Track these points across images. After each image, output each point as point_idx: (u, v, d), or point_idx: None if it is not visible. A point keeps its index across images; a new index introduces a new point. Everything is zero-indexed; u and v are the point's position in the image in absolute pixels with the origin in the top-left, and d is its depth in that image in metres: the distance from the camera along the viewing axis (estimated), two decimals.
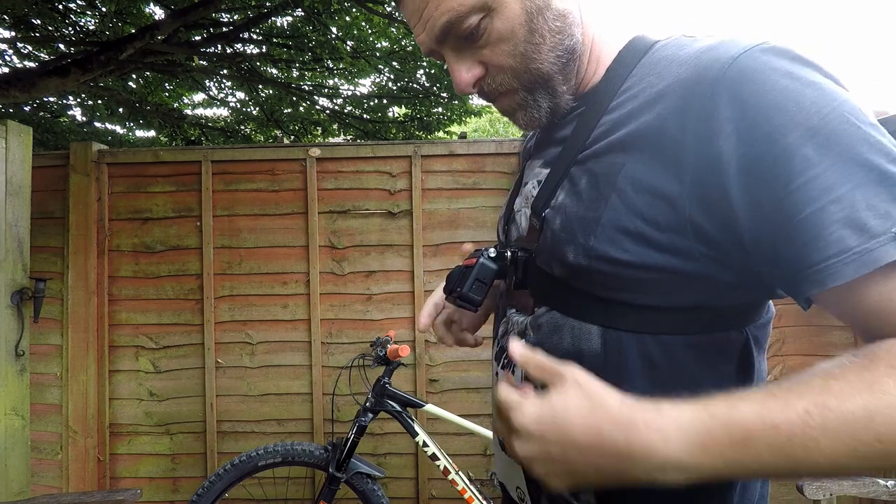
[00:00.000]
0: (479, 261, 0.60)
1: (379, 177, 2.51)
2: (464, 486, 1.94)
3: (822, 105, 0.43)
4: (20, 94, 2.79)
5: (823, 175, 0.41)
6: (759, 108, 0.44)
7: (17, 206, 2.00)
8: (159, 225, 2.52)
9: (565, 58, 0.57)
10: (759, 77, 0.44)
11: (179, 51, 3.90)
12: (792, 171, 0.42)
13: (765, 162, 0.43)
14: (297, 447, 1.94)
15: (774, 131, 0.43)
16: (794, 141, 0.42)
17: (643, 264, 0.49)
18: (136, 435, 2.50)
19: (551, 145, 0.63)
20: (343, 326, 2.49)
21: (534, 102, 0.59)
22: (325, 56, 4.47)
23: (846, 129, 0.42)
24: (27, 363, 2.03)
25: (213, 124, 6.19)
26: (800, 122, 0.42)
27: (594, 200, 0.51)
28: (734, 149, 0.44)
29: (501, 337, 0.66)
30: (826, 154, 0.42)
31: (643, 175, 0.49)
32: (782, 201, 0.43)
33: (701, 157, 0.46)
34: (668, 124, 0.48)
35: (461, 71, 0.58)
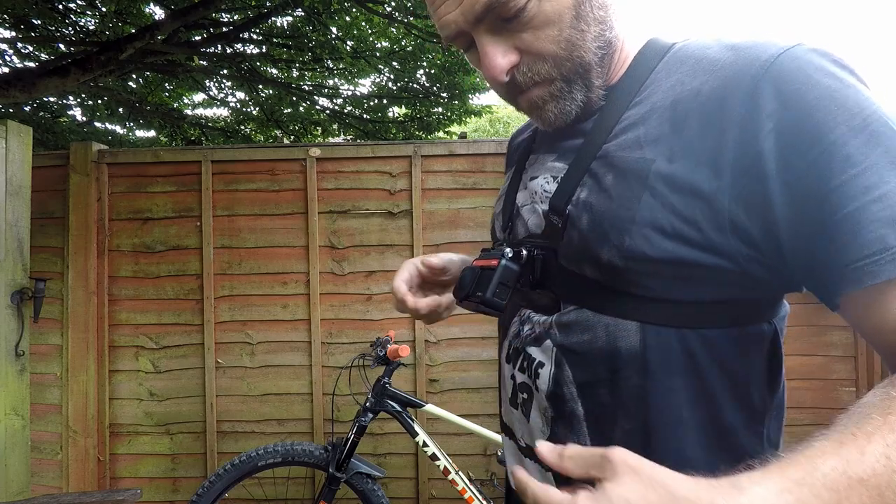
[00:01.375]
0: (502, 262, 0.56)
1: (379, 177, 2.51)
2: (464, 486, 1.94)
3: (864, 107, 0.43)
4: (20, 94, 2.79)
5: (865, 174, 0.41)
6: (801, 105, 0.44)
7: (17, 206, 2.00)
8: (159, 225, 2.52)
9: (605, 49, 0.55)
10: (800, 76, 0.44)
11: (179, 51, 3.90)
12: (833, 169, 0.42)
13: (805, 159, 0.43)
14: (297, 447, 1.94)
15: (816, 129, 0.43)
16: (837, 139, 0.42)
17: (681, 262, 0.48)
18: (136, 435, 2.50)
19: (567, 137, 0.60)
20: (343, 326, 2.49)
21: (569, 94, 0.56)
22: (325, 56, 4.47)
23: (886, 132, 0.42)
24: (27, 363, 2.03)
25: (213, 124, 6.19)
26: (842, 121, 0.42)
27: (625, 198, 0.50)
28: (773, 145, 0.44)
29: (514, 337, 0.63)
30: (868, 154, 0.42)
31: (679, 172, 0.48)
32: (822, 198, 0.42)
33: (741, 154, 0.46)
34: (708, 121, 0.47)
35: (497, 56, 0.54)
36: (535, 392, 0.59)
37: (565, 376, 0.55)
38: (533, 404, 0.59)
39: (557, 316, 0.56)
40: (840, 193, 0.42)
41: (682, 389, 0.50)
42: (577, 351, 0.54)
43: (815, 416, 2.35)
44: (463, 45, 0.58)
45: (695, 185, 0.47)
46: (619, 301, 0.52)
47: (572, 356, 0.55)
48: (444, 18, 0.55)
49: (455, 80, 4.79)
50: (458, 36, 0.56)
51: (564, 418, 0.56)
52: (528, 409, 0.60)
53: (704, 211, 0.47)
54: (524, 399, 0.61)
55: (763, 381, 0.53)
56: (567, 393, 0.55)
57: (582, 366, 0.54)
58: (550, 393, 0.56)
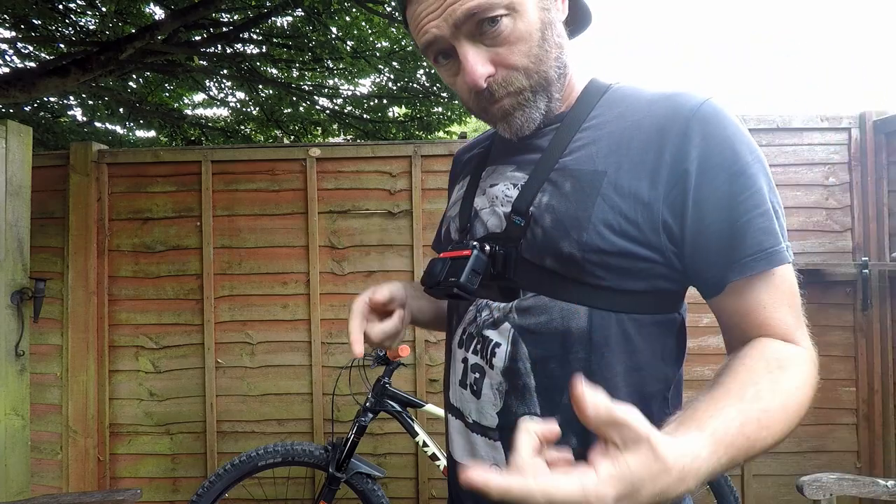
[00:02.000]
0: (475, 253, 0.64)
1: (379, 177, 2.51)
2: None
3: (753, 147, 0.61)
4: (20, 94, 2.79)
5: (756, 195, 0.59)
6: (717, 141, 0.59)
7: (17, 206, 2.00)
8: (159, 225, 2.52)
9: (562, 69, 0.67)
10: (716, 121, 0.60)
11: (179, 51, 3.90)
12: (736, 188, 0.59)
13: (718, 179, 0.59)
14: (297, 447, 1.94)
15: (727, 160, 0.59)
16: (740, 168, 0.59)
17: (625, 254, 0.60)
18: (136, 435, 2.51)
19: (524, 152, 0.70)
20: (343, 326, 2.49)
21: (534, 104, 0.65)
22: (325, 56, 4.47)
23: (765, 167, 0.61)
24: (27, 363, 2.03)
25: (213, 124, 6.19)
26: (742, 155, 0.59)
27: (582, 202, 0.61)
28: (696, 167, 0.59)
29: (470, 323, 0.71)
30: (757, 181, 0.59)
31: (625, 182, 0.60)
32: (727, 209, 0.59)
33: (673, 172, 0.60)
34: (649, 145, 0.61)
35: (478, 64, 0.62)
36: (488, 370, 0.67)
37: (521, 353, 0.65)
38: (485, 381, 0.68)
39: (518, 301, 0.66)
40: (740, 207, 0.58)
41: (619, 363, 0.62)
42: (534, 330, 0.64)
43: (815, 416, 2.35)
44: (438, 54, 0.66)
45: (637, 193, 0.60)
46: (573, 289, 0.63)
47: (529, 335, 0.64)
48: (425, 26, 0.63)
49: None
50: (434, 42, 0.64)
51: (517, 391, 0.65)
52: (479, 386, 0.68)
53: (643, 213, 0.60)
54: (475, 378, 0.69)
55: (673, 358, 0.66)
56: (522, 368, 0.64)
57: (538, 343, 0.64)
58: (505, 368, 0.65)
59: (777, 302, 0.60)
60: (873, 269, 2.31)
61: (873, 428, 2.35)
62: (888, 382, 2.33)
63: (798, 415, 0.53)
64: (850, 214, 2.41)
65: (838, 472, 1.49)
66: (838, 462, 2.36)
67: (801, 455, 2.37)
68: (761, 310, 0.60)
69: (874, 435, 2.34)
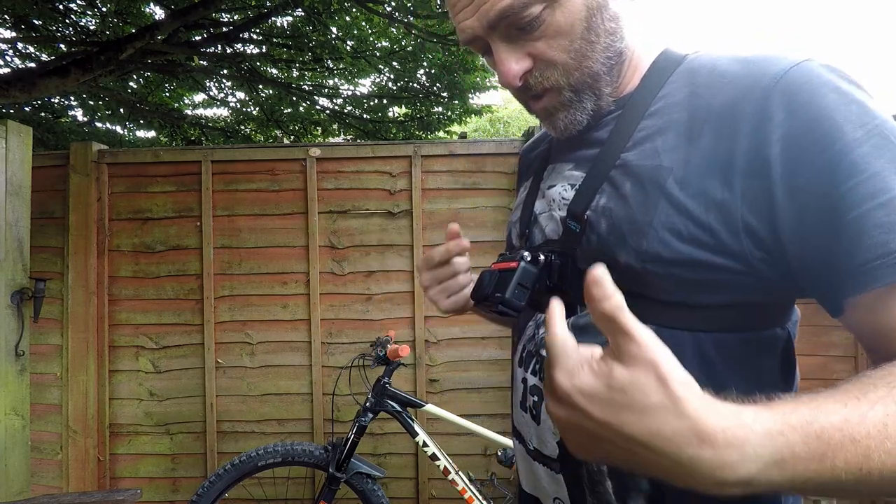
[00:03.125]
0: (521, 265, 0.58)
1: (379, 177, 2.51)
2: (464, 486, 1.94)
3: (868, 119, 0.45)
4: (20, 94, 2.79)
5: (869, 181, 0.43)
6: (808, 116, 0.46)
7: (17, 206, 2.00)
8: (159, 225, 2.52)
9: (614, 59, 0.58)
10: (808, 89, 0.47)
11: (179, 51, 3.90)
12: (838, 177, 0.44)
13: (812, 167, 0.45)
14: (297, 447, 1.94)
15: (822, 138, 0.45)
16: (842, 148, 0.44)
17: (696, 263, 0.50)
18: (136, 435, 2.51)
19: (582, 147, 0.62)
20: (343, 326, 2.49)
21: (578, 103, 0.58)
22: (326, 56, 4.47)
23: (889, 143, 0.44)
24: (27, 363, 2.03)
25: (213, 124, 6.19)
26: (847, 131, 0.45)
27: (643, 204, 0.52)
28: (780, 152, 0.47)
29: (529, 341, 0.64)
30: (871, 162, 0.44)
31: (694, 179, 0.50)
32: (828, 204, 0.45)
33: (751, 162, 0.48)
34: (721, 132, 0.50)
35: (511, 62, 0.57)
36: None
37: None
38: (543, 406, 0.60)
39: (574, 318, 0.57)
40: (845, 199, 0.44)
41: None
42: None
43: None
44: (479, 50, 0.61)
45: (709, 191, 0.49)
46: (635, 304, 0.52)
47: None
48: (462, 24, 0.58)
49: (455, 79, 4.79)
50: (473, 40, 0.59)
51: None
52: (538, 411, 0.61)
53: (717, 216, 0.49)
54: (534, 402, 0.62)
55: (777, 382, 0.54)
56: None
57: None
58: None
59: None
60: None
61: None
62: None
63: None
64: None
65: None
66: None
67: None
68: None
69: None
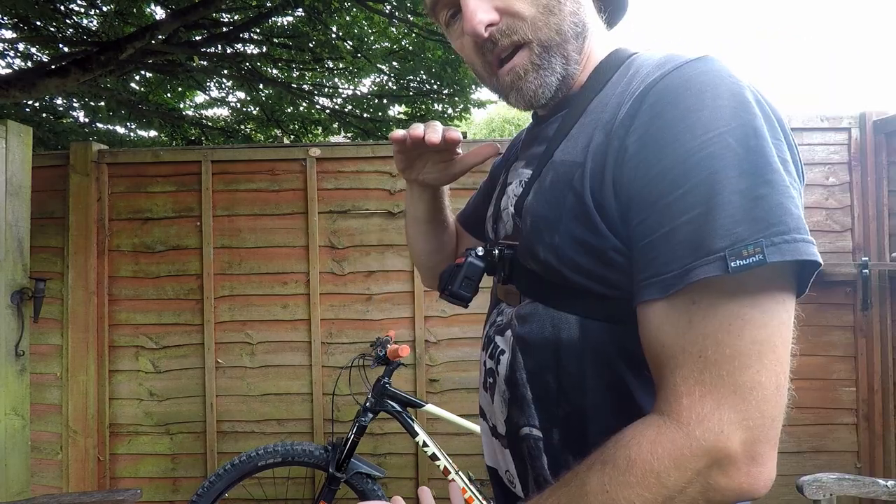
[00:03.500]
0: (467, 260, 0.63)
1: (379, 177, 2.51)
2: (464, 486, 1.94)
3: (720, 123, 0.44)
4: (20, 94, 2.79)
5: (691, 193, 0.43)
6: (663, 122, 0.46)
7: (17, 206, 2.00)
8: (159, 225, 2.52)
9: (580, 27, 0.58)
10: (671, 94, 0.47)
11: (180, 51, 3.90)
12: (661, 189, 0.45)
13: (646, 177, 0.46)
14: (297, 447, 1.94)
15: (664, 146, 0.45)
16: (679, 158, 0.44)
17: (605, 259, 0.51)
18: (136, 435, 2.51)
19: (534, 144, 0.65)
20: (343, 326, 2.49)
21: (548, 64, 0.57)
22: (326, 56, 4.47)
23: (736, 147, 0.43)
24: (27, 363, 2.03)
25: (213, 124, 6.19)
26: (690, 136, 0.44)
27: (555, 199, 0.54)
28: (633, 154, 0.48)
29: (490, 326, 0.69)
30: (699, 171, 0.43)
31: (590, 174, 0.51)
32: (646, 222, 0.46)
33: (616, 164, 0.49)
34: (608, 131, 0.51)
35: (478, 10, 0.56)
36: (497, 377, 0.64)
37: (518, 363, 0.60)
38: (496, 388, 0.64)
39: (517, 308, 0.62)
40: (660, 217, 0.45)
41: (615, 378, 0.53)
42: (528, 340, 0.58)
43: (815, 416, 2.36)
44: (445, 13, 0.61)
45: (596, 189, 0.50)
46: (562, 295, 0.56)
47: (524, 345, 0.59)
48: None
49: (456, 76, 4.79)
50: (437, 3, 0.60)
51: (517, 401, 0.60)
52: (493, 392, 0.65)
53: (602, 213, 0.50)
54: (490, 383, 0.66)
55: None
56: (519, 378, 0.59)
57: (531, 354, 0.58)
58: (507, 378, 0.61)
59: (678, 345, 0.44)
60: (873, 269, 2.30)
61: (873, 428, 2.34)
62: (888, 382, 2.33)
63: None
64: (850, 214, 2.41)
65: (838, 472, 1.49)
66: (838, 462, 2.36)
67: (800, 455, 2.37)
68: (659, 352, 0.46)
69: (874, 435, 2.34)
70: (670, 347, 0.44)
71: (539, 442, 0.58)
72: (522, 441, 0.60)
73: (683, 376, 0.43)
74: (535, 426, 0.58)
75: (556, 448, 0.57)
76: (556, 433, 0.57)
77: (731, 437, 0.40)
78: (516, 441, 0.61)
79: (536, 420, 0.58)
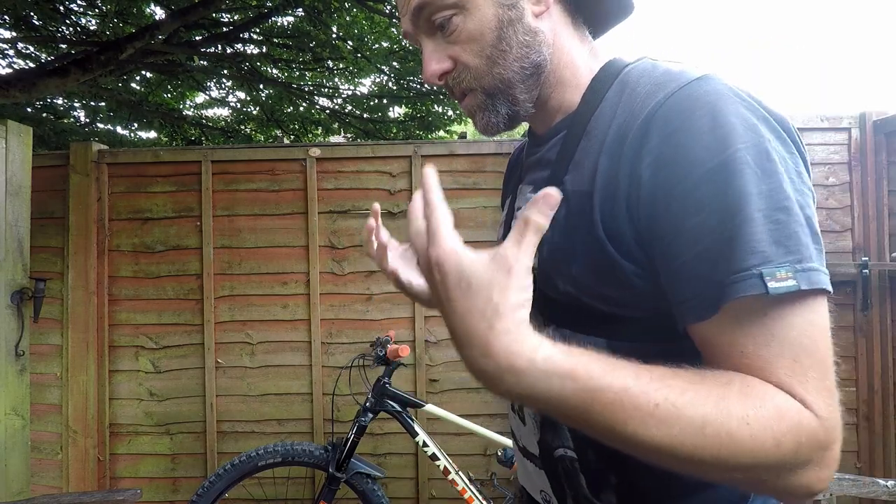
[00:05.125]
0: None
1: (379, 177, 2.51)
2: (464, 486, 1.94)
3: (729, 145, 0.45)
4: (20, 94, 2.79)
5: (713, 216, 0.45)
6: (673, 145, 0.47)
7: (17, 206, 2.00)
8: (159, 225, 2.52)
9: (530, 70, 0.60)
10: (682, 115, 0.48)
11: (180, 51, 3.90)
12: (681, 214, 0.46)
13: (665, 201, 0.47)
14: (297, 447, 1.94)
15: (678, 171, 0.47)
16: (692, 184, 0.46)
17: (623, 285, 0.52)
18: (136, 435, 2.51)
19: (539, 168, 0.66)
20: (343, 326, 2.49)
21: (492, 107, 0.61)
22: (326, 56, 4.47)
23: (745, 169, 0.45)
24: (27, 363, 2.03)
25: (213, 124, 6.19)
26: (700, 160, 0.46)
27: (570, 231, 0.55)
28: (648, 178, 0.48)
29: None
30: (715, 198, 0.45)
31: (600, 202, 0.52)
32: (671, 241, 0.47)
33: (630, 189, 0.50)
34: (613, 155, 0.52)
35: (432, 61, 0.60)
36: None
37: None
38: (526, 410, 0.65)
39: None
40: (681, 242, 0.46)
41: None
42: None
43: None
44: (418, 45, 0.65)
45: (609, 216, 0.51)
46: (587, 320, 0.57)
47: None
48: (402, 21, 0.63)
49: None
50: (407, 37, 0.63)
51: (550, 423, 0.61)
52: (523, 414, 0.67)
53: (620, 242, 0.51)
54: (519, 406, 0.68)
55: None
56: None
57: None
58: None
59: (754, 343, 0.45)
60: (873, 269, 2.30)
61: (873, 428, 2.34)
62: (888, 382, 2.33)
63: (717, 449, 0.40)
64: (850, 214, 2.41)
65: (838, 472, 1.49)
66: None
67: None
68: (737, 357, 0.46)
69: (874, 435, 2.34)
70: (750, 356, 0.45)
71: (575, 463, 0.59)
72: (558, 462, 0.60)
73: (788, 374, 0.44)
74: (570, 447, 0.59)
75: (594, 467, 0.58)
76: (591, 453, 0.58)
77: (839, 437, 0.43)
78: (551, 462, 0.61)
79: (570, 441, 0.59)
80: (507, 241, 0.40)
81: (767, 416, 0.41)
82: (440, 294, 0.41)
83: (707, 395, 0.41)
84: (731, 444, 0.40)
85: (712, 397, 0.41)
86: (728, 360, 0.45)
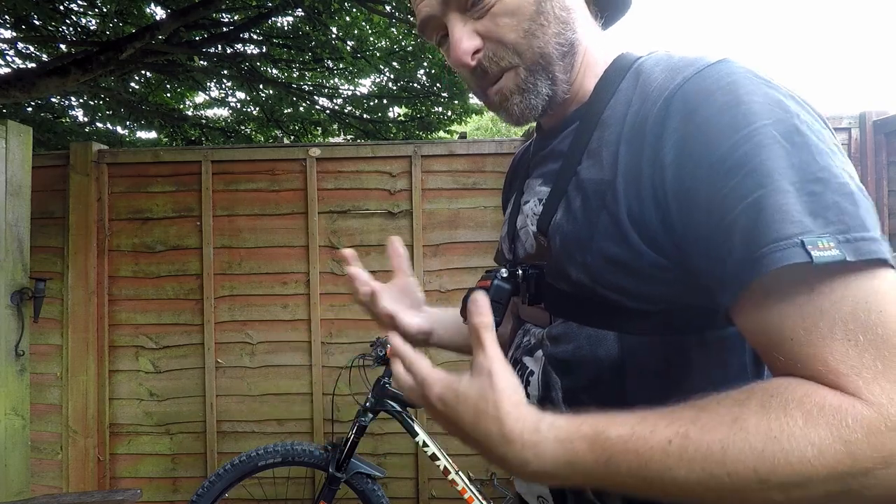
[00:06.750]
0: (494, 283, 0.60)
1: (379, 177, 2.51)
2: (464, 486, 1.94)
3: (756, 118, 0.44)
4: (20, 94, 2.79)
5: (748, 178, 0.42)
6: (700, 122, 0.46)
7: (17, 206, 2.00)
8: (159, 225, 2.52)
9: (566, 48, 0.58)
10: (701, 95, 0.47)
11: (180, 51, 3.90)
12: (718, 182, 0.44)
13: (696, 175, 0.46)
14: (297, 447, 1.94)
15: (709, 143, 0.45)
16: (726, 152, 0.44)
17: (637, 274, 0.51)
18: (136, 435, 2.51)
19: (549, 161, 0.64)
20: (343, 326, 2.49)
21: (533, 86, 0.58)
22: (326, 56, 4.47)
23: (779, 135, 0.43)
24: (27, 363, 2.03)
25: (213, 124, 6.19)
26: (732, 130, 0.44)
27: (586, 219, 0.54)
28: (672, 159, 0.47)
29: (516, 349, 0.68)
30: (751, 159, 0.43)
31: (622, 190, 0.51)
32: (708, 216, 0.45)
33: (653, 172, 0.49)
34: (633, 143, 0.51)
35: (463, 38, 0.57)
36: (528, 398, 0.61)
37: (553, 383, 0.59)
38: None
39: (548, 329, 0.61)
40: (722, 207, 0.43)
41: (662, 394, 0.49)
42: (563, 359, 0.58)
43: None
44: (435, 35, 0.62)
45: (630, 202, 0.50)
46: (597, 313, 0.56)
47: (559, 365, 0.58)
48: (419, 5, 0.60)
49: (455, 78, 4.79)
50: (429, 20, 0.60)
51: None
52: None
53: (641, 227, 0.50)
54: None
55: (747, 379, 0.52)
56: (555, 398, 0.59)
57: (567, 373, 0.58)
58: (540, 398, 0.60)
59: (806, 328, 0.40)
60: None
61: None
62: None
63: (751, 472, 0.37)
64: None
65: None
66: None
67: None
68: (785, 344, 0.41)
69: None
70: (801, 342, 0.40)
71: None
72: None
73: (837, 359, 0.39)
74: None
75: None
76: None
77: None
78: None
79: None
80: (474, 356, 0.47)
81: (794, 424, 0.37)
82: (449, 417, 0.46)
83: (721, 418, 0.39)
84: (763, 463, 0.37)
85: (727, 418, 0.39)
86: (779, 350, 0.42)
